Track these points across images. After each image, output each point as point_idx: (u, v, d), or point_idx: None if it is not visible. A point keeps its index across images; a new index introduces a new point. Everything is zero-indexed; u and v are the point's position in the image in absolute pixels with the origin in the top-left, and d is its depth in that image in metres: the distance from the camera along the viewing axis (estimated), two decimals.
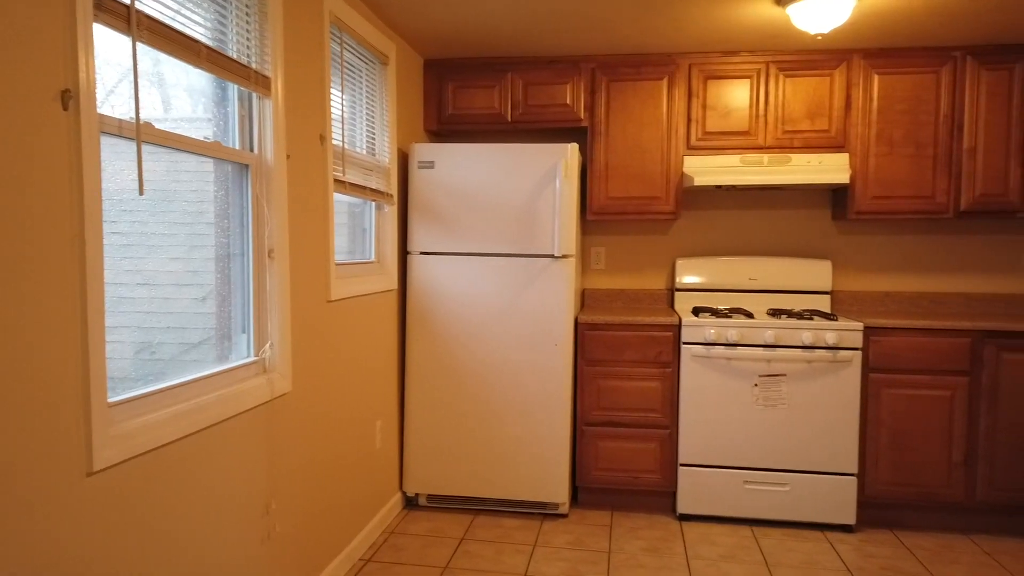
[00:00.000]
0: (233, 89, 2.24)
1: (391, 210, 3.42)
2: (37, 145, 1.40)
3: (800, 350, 3.33)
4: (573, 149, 3.40)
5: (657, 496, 3.57)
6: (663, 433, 3.49)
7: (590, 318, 3.52)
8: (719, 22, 3.19)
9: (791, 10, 2.84)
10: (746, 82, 3.64)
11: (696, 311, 3.65)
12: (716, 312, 3.59)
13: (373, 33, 3.12)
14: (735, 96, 3.65)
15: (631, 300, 4.11)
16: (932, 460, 3.30)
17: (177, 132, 1.89)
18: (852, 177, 3.57)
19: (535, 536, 3.24)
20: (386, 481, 3.38)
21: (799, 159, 3.57)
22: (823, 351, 3.31)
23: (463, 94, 3.85)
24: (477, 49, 3.68)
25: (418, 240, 3.51)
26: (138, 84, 1.67)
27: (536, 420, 3.45)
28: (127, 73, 1.75)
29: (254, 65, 2.25)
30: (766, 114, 3.63)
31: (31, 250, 1.39)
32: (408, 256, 3.53)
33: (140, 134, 1.69)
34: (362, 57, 3.14)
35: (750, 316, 3.50)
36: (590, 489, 3.62)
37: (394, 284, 3.44)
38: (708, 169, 3.63)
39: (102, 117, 1.61)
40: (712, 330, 3.39)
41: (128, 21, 1.66)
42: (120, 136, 1.67)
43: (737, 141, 3.67)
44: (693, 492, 3.44)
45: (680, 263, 3.96)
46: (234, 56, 2.15)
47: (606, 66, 3.74)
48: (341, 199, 3.03)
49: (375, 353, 3.21)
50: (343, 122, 2.93)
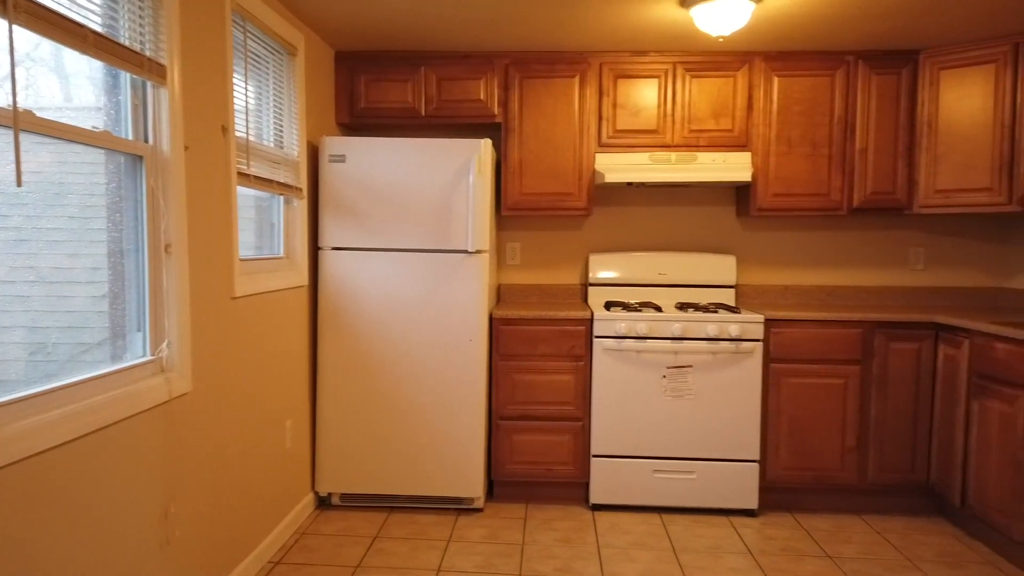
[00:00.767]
0: (126, 77, 2.14)
1: (301, 204, 3.35)
2: None
3: (705, 342, 3.45)
4: (486, 145, 3.41)
5: (571, 487, 3.63)
6: (576, 425, 3.55)
7: (505, 313, 3.54)
8: (628, 22, 3.26)
9: (694, 12, 2.93)
10: (655, 82, 3.73)
11: (608, 305, 3.72)
12: (627, 306, 3.67)
13: (280, 23, 3.04)
14: (644, 95, 3.74)
15: (546, 295, 4.15)
16: (827, 445, 3.47)
17: (71, 122, 1.79)
18: (754, 175, 3.72)
19: (450, 531, 3.25)
20: (297, 481, 3.32)
21: (705, 157, 3.69)
22: (727, 343, 3.44)
23: (376, 88, 3.80)
24: (390, 42, 3.64)
25: (329, 235, 3.45)
26: (15, 70, 1.58)
27: (451, 415, 3.45)
28: (22, 60, 1.66)
29: (148, 52, 2.16)
30: (673, 113, 3.74)
31: None
32: (319, 252, 3.47)
33: (17, 122, 1.59)
34: (268, 47, 3.06)
35: (659, 310, 3.60)
36: (505, 483, 3.65)
37: (305, 280, 3.37)
38: (619, 166, 3.70)
39: None
40: (623, 324, 3.47)
41: (4, 2, 1.56)
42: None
43: (646, 139, 3.76)
44: (605, 482, 3.51)
45: (593, 258, 4.04)
46: (126, 43, 2.06)
47: (520, 62, 3.76)
48: (247, 193, 2.95)
49: (284, 351, 3.14)
50: (248, 113, 2.85)
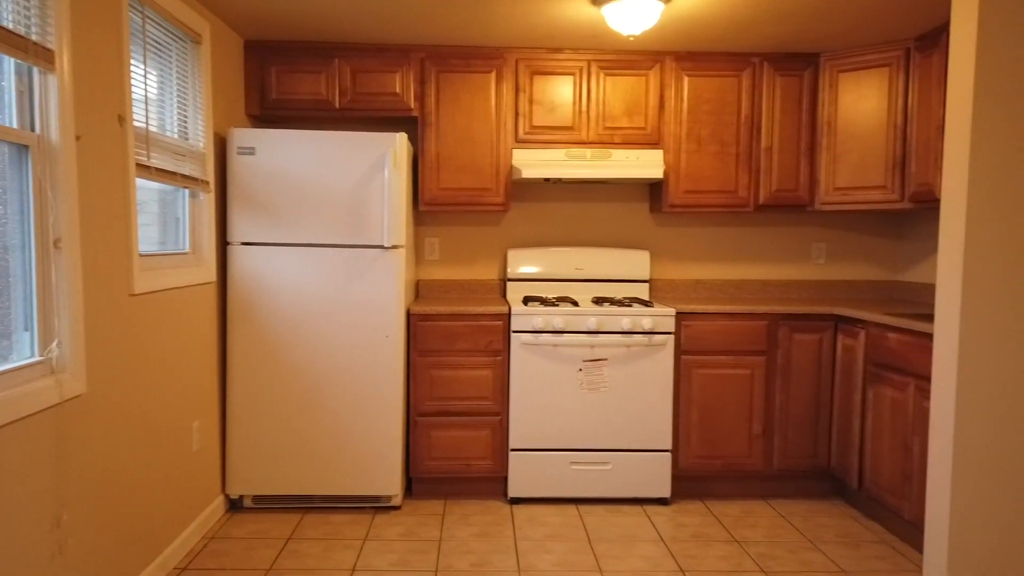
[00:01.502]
0: (9, 63, 2.02)
1: (208, 198, 3.24)
2: None
3: (620, 335, 3.51)
4: (401, 138, 3.38)
5: (489, 482, 3.65)
6: (494, 420, 3.56)
7: (422, 309, 3.52)
8: (543, 19, 3.28)
9: (605, 11, 2.97)
10: (570, 79, 3.77)
11: (526, 300, 3.75)
12: (544, 301, 3.70)
13: (182, 8, 2.93)
14: (560, 92, 3.78)
15: (465, 290, 4.15)
16: (736, 434, 3.60)
17: None
18: (666, 172, 3.81)
19: (366, 530, 3.21)
20: (206, 484, 3.21)
21: (619, 155, 3.76)
22: (640, 336, 3.51)
23: (288, 79, 3.71)
24: (303, 32, 3.55)
25: (239, 230, 3.35)
26: None
27: (368, 413, 3.41)
28: None
29: (34, 36, 2.04)
30: (588, 111, 3.79)
31: None
32: (228, 247, 3.36)
33: None
34: (170, 34, 2.94)
35: (576, 304, 3.64)
36: (424, 479, 3.63)
37: (213, 276, 3.26)
38: (535, 162, 3.73)
39: None
40: (540, 319, 3.50)
41: None
42: None
43: (563, 136, 3.80)
44: (523, 476, 3.54)
45: (512, 254, 4.05)
46: (8, 26, 1.94)
47: (436, 56, 3.74)
48: (149, 186, 2.83)
49: (191, 350, 3.03)
50: (148, 103, 2.73)
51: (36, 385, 1.99)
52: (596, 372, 3.53)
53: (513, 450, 3.54)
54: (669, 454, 3.56)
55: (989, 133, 2.32)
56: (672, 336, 3.53)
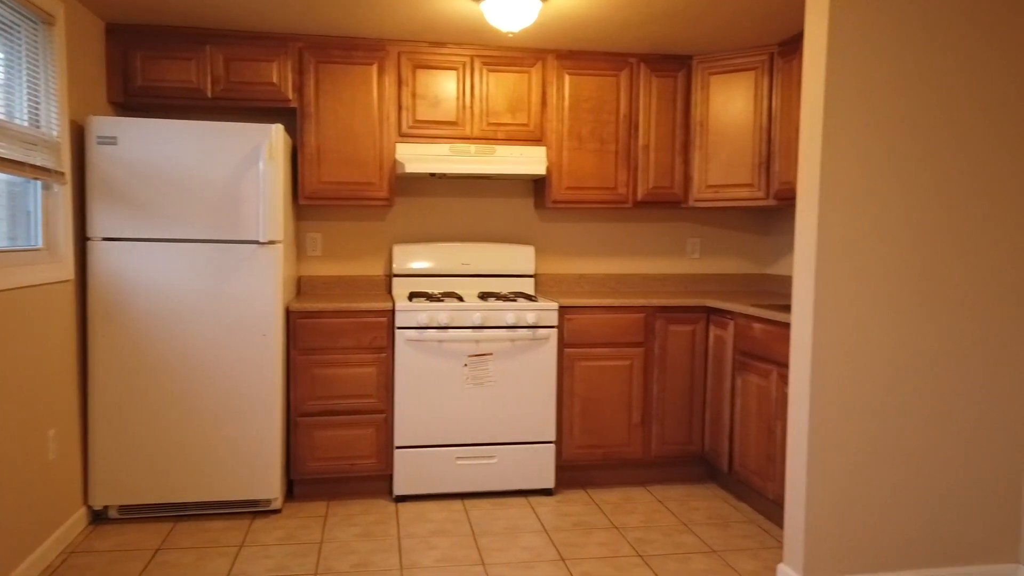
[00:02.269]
0: None
1: (64, 191, 3.03)
2: None
3: (505, 330, 3.54)
4: (278, 130, 3.27)
5: (374, 481, 3.60)
6: (379, 418, 3.52)
7: (303, 306, 3.43)
8: (424, 12, 3.26)
9: (484, 6, 2.98)
10: (453, 73, 3.77)
11: (412, 296, 3.72)
12: (430, 296, 3.69)
13: None
14: (444, 86, 3.76)
15: (350, 287, 4.07)
16: (617, 423, 3.71)
17: None
18: (549, 169, 3.87)
19: (243, 536, 3.10)
20: (65, 495, 3.00)
21: (503, 151, 3.79)
22: (524, 330, 3.56)
23: (155, 65, 3.51)
24: (171, 16, 3.37)
25: (100, 225, 3.15)
26: None
27: (245, 415, 3.29)
28: None
29: None
30: (472, 106, 3.79)
31: None
32: (88, 243, 3.15)
33: None
34: (18, 13, 2.72)
35: (461, 300, 3.65)
36: (306, 481, 3.54)
37: (70, 274, 3.05)
38: (419, 157, 3.70)
39: None
40: (424, 314, 3.48)
41: None
42: None
43: (447, 131, 3.79)
44: (409, 473, 3.51)
45: (397, 249, 4.01)
46: None
47: (316, 47, 3.64)
48: None
49: (45, 353, 2.83)
50: None
51: None
52: (481, 367, 3.55)
53: (398, 447, 3.51)
54: (553, 446, 3.62)
55: (839, 134, 2.49)
56: (555, 330, 3.59)
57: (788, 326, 3.07)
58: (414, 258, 4.02)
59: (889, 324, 2.56)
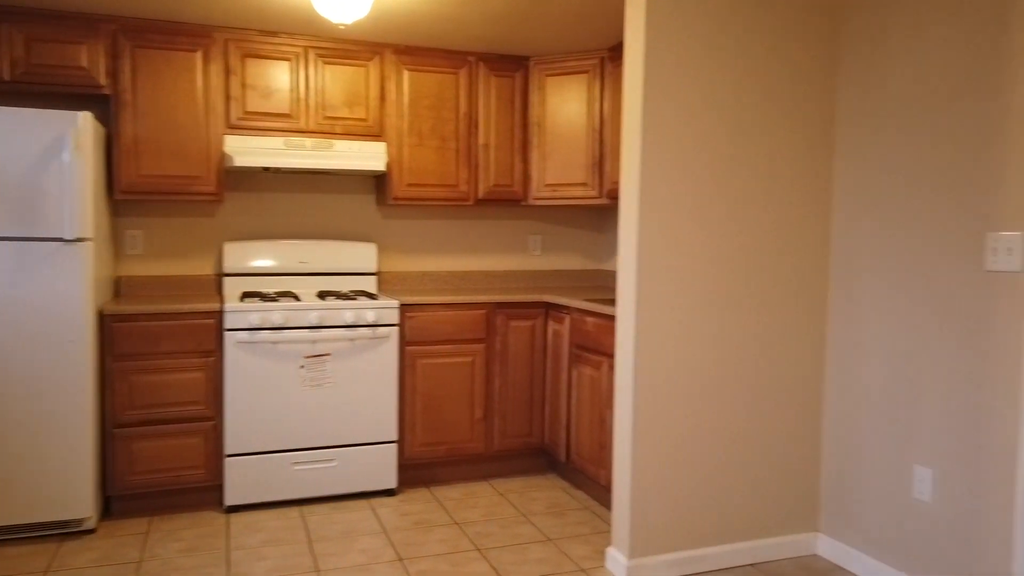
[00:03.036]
0: None
1: None
2: None
3: (343, 329, 3.46)
4: (86, 117, 3.01)
5: (203, 492, 3.40)
6: (207, 425, 3.33)
7: (119, 309, 3.18)
8: None
9: None
10: (286, 64, 3.63)
11: (244, 296, 3.55)
12: (264, 296, 3.53)
13: None
14: (276, 77, 3.62)
15: (176, 287, 3.82)
16: (459, 419, 3.72)
17: None
18: (389, 165, 3.82)
19: (48, 561, 2.83)
20: None
21: (342, 145, 3.69)
22: (364, 329, 3.49)
23: None
24: None
25: None
26: None
27: (49, 429, 3.00)
28: None
29: None
30: (307, 99, 3.67)
31: None
32: None
33: None
34: None
35: (298, 299, 3.52)
36: (125, 496, 3.29)
37: None
38: (250, 150, 3.53)
39: None
40: (256, 315, 3.33)
41: None
42: None
43: (281, 124, 3.64)
44: (241, 482, 3.35)
45: (228, 247, 3.81)
46: None
47: (131, 30, 3.38)
48: None
49: None
50: None
51: None
52: (319, 368, 3.45)
53: (229, 456, 3.33)
54: (395, 445, 3.58)
55: (657, 138, 2.63)
56: (396, 328, 3.55)
57: (615, 319, 3.20)
58: (247, 256, 3.84)
59: (703, 316, 2.74)
